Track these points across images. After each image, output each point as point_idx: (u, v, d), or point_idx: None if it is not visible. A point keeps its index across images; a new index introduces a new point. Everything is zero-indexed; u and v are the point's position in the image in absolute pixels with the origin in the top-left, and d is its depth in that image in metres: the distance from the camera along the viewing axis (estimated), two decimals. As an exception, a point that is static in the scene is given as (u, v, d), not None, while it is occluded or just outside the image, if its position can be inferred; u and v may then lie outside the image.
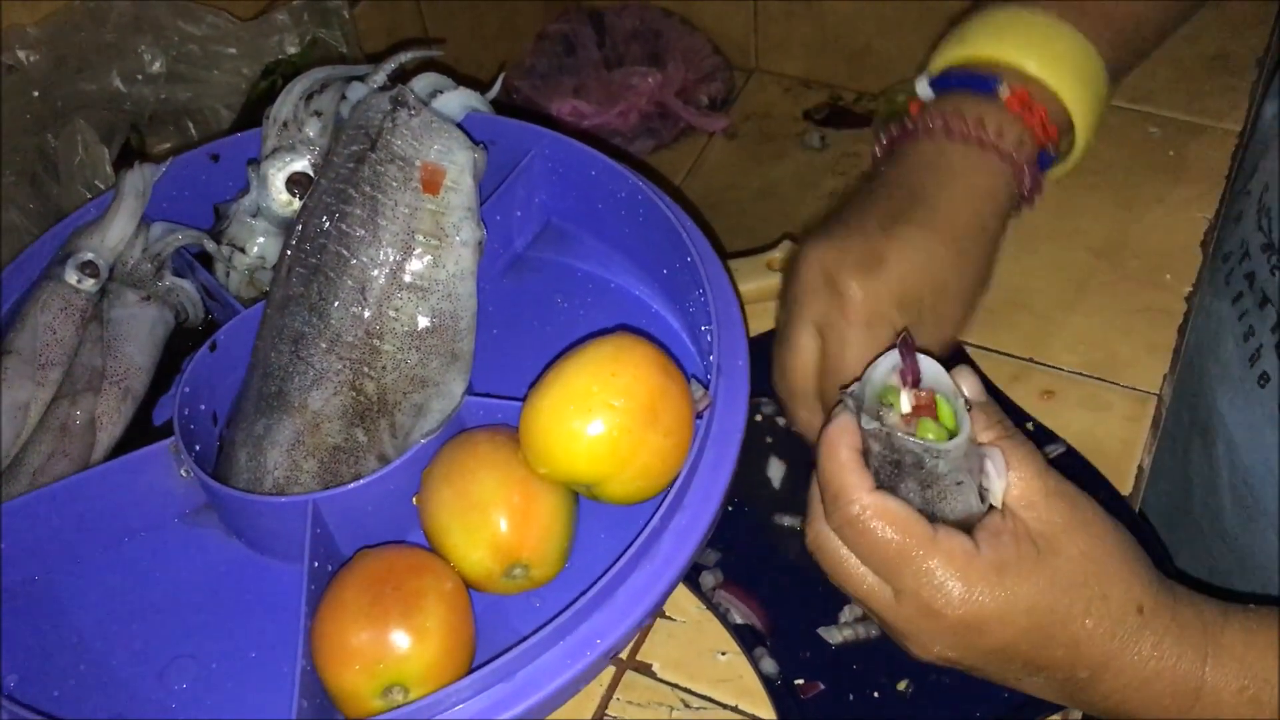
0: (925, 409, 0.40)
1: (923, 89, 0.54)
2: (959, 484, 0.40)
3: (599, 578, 0.42)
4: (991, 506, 0.40)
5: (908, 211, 0.49)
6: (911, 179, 0.51)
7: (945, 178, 0.50)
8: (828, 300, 0.47)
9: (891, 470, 0.40)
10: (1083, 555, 0.40)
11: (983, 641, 0.40)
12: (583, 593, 0.41)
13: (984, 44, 0.53)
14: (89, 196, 0.61)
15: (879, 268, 0.47)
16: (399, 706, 0.40)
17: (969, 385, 0.42)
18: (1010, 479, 0.40)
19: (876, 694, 0.46)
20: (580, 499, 0.47)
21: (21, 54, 0.62)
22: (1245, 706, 0.39)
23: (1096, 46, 0.53)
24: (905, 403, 0.40)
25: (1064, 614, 0.39)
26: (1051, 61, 0.52)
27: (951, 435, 0.39)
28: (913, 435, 0.39)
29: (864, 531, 0.39)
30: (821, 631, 0.48)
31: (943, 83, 0.54)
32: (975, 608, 0.39)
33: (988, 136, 0.50)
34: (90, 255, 0.53)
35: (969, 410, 0.40)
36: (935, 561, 0.39)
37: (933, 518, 0.40)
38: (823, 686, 0.46)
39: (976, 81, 0.52)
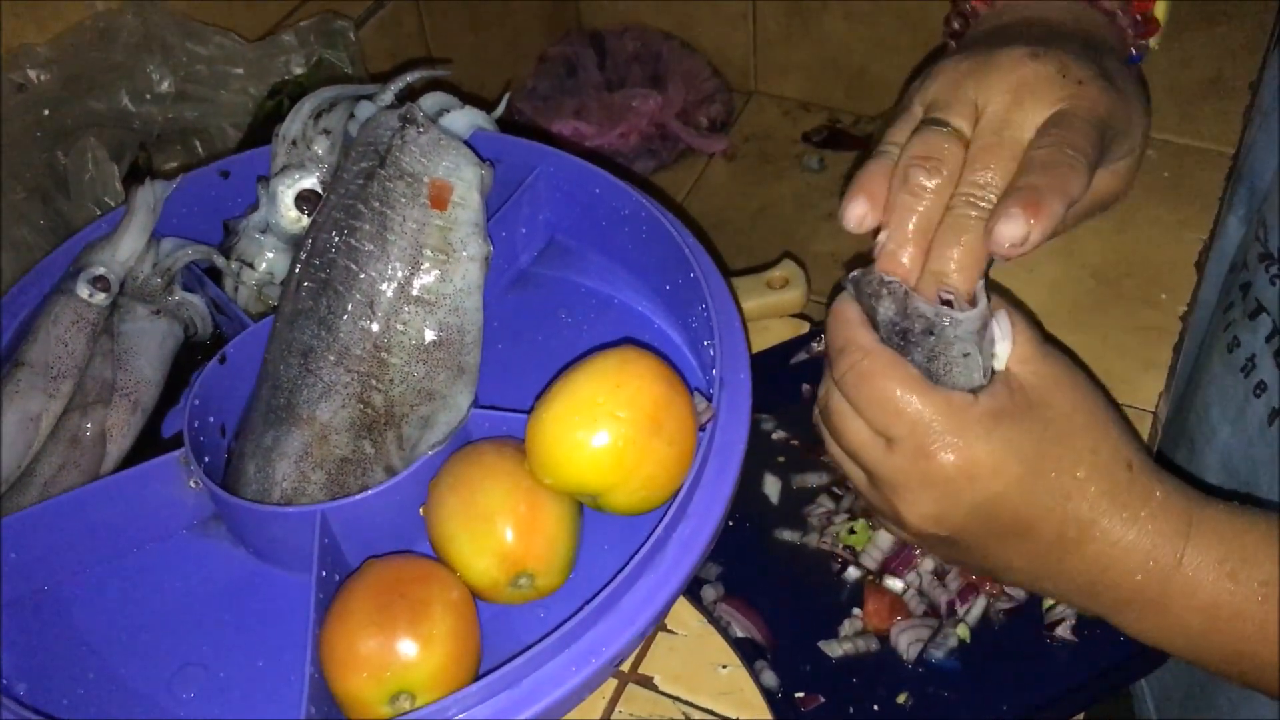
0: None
1: None
2: (965, 356, 0.40)
3: (603, 587, 0.42)
4: (994, 373, 0.41)
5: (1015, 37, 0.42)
6: (1033, 22, 0.45)
7: (1070, 25, 0.45)
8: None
9: (899, 340, 0.41)
10: (1075, 409, 0.40)
11: (975, 491, 0.39)
12: (587, 602, 0.42)
13: None
14: (98, 213, 0.61)
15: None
16: (406, 713, 0.40)
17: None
18: (1014, 333, 0.40)
19: (876, 707, 0.46)
20: (585, 510, 0.48)
21: (32, 73, 0.63)
22: (1224, 580, 0.39)
23: None
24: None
25: (1055, 462, 0.39)
26: None
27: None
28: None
29: (863, 376, 0.39)
30: (822, 645, 0.48)
31: None
32: (968, 453, 0.38)
33: (1108, 2, 0.46)
34: (101, 270, 0.54)
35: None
36: (931, 409, 0.39)
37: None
38: (823, 699, 0.47)
39: None
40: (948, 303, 0.40)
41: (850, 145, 0.95)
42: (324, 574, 0.45)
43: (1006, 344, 0.40)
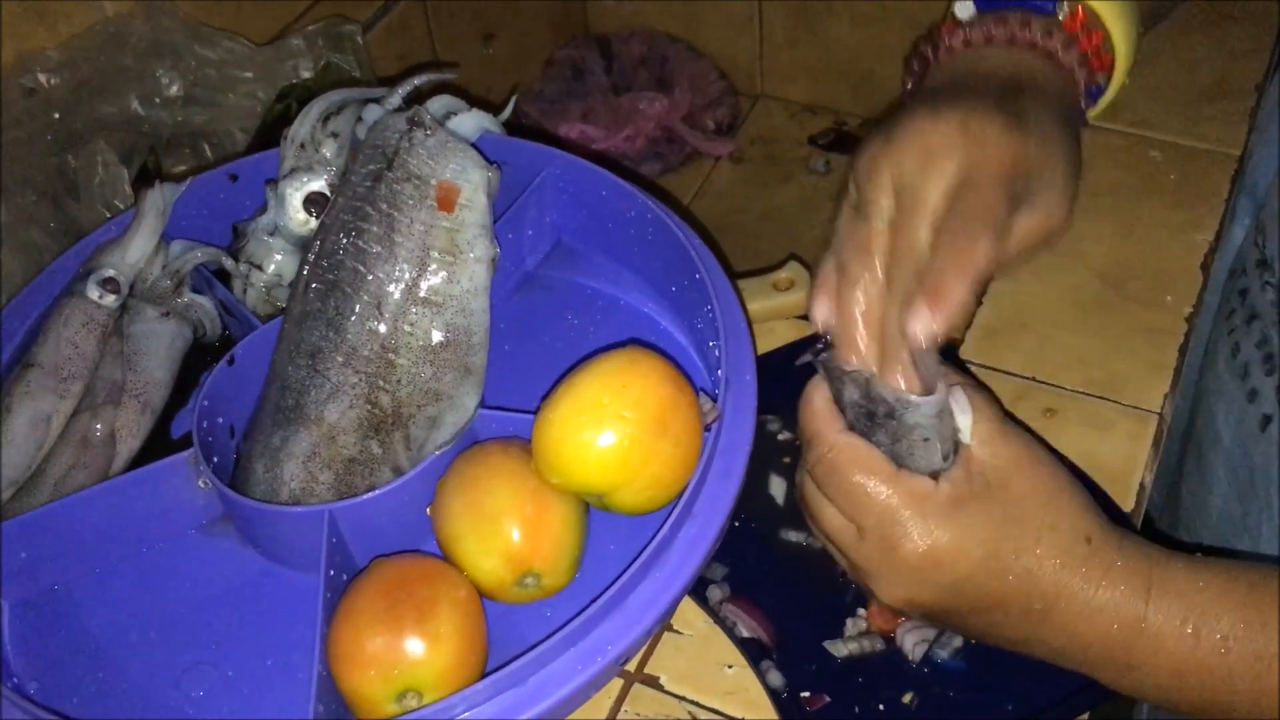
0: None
1: (963, 8, 0.49)
2: (925, 440, 0.42)
3: (609, 586, 0.42)
4: (957, 448, 0.42)
5: (963, 98, 0.43)
6: (960, 81, 0.46)
7: (999, 73, 0.46)
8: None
9: (866, 421, 0.43)
10: (1034, 489, 0.42)
11: (941, 575, 0.41)
12: (593, 601, 0.42)
13: None
14: (108, 216, 0.62)
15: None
16: (413, 711, 0.41)
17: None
18: (976, 414, 0.42)
19: (882, 706, 0.47)
20: (592, 511, 0.48)
21: (43, 77, 0.63)
22: (1186, 639, 0.40)
23: None
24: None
25: (1015, 544, 0.41)
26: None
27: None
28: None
29: (832, 469, 0.42)
30: (827, 645, 0.49)
31: (985, 3, 0.49)
32: (931, 540, 0.41)
33: (1048, 43, 0.46)
34: (111, 272, 0.54)
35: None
36: (896, 499, 0.41)
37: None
38: (828, 699, 0.47)
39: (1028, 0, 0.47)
40: None
41: (856, 148, 0.95)
42: (332, 573, 0.45)
43: (967, 418, 0.42)
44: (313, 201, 0.56)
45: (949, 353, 0.56)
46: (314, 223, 0.56)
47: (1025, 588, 0.41)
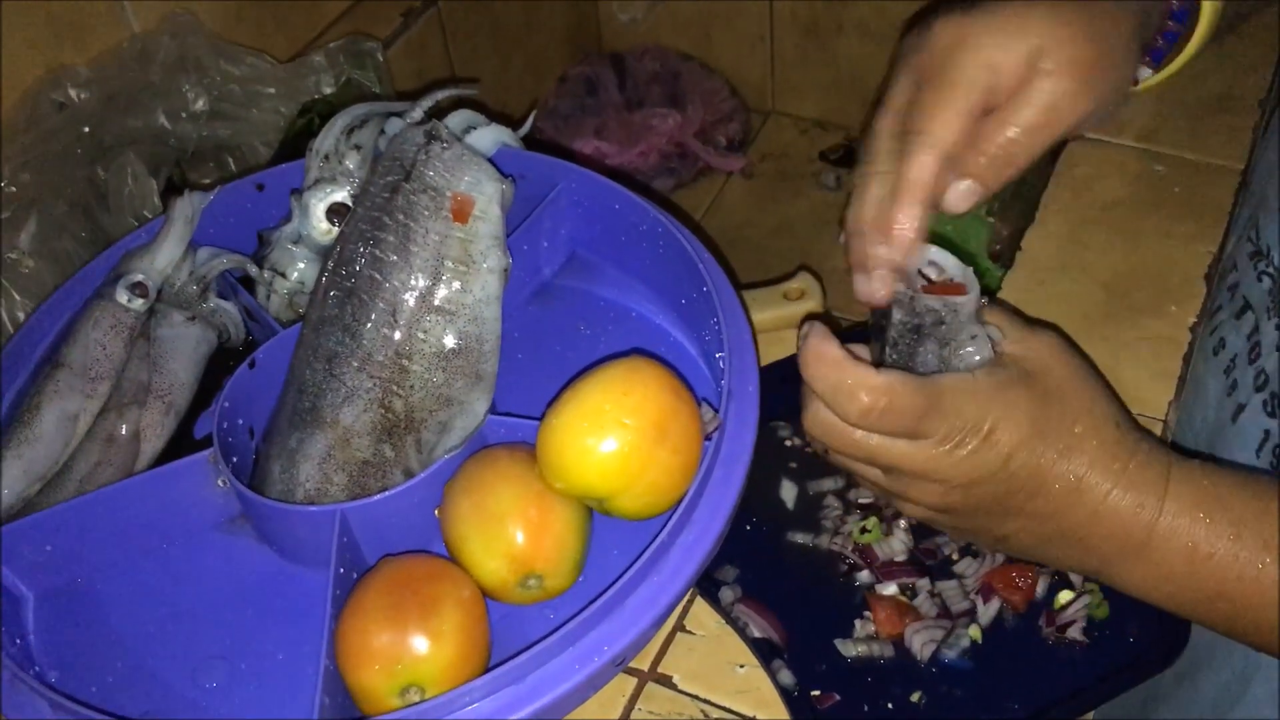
0: (941, 284, 0.46)
1: None
2: (974, 337, 0.45)
3: (608, 587, 0.43)
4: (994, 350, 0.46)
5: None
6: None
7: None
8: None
9: (912, 337, 0.45)
10: (1069, 376, 0.45)
11: (994, 454, 0.43)
12: (591, 601, 0.43)
13: None
14: (137, 226, 0.63)
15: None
16: (414, 705, 0.42)
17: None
18: (1001, 322, 0.46)
19: (890, 705, 0.47)
20: (596, 516, 0.49)
21: (73, 92, 0.65)
22: (1199, 522, 0.43)
23: None
24: (931, 271, 0.46)
25: (1058, 422, 0.44)
26: None
27: None
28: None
29: (886, 412, 0.43)
30: (837, 644, 0.49)
31: None
32: (987, 418, 0.43)
33: None
34: (140, 276, 0.56)
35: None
36: (947, 401, 0.43)
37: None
38: (838, 697, 0.48)
39: None
40: (929, 283, 0.45)
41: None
42: (342, 571, 0.46)
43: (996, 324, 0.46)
44: (335, 212, 0.58)
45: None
46: (336, 232, 0.57)
47: (1065, 465, 0.43)
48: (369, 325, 0.51)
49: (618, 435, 0.45)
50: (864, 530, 0.53)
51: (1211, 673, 0.56)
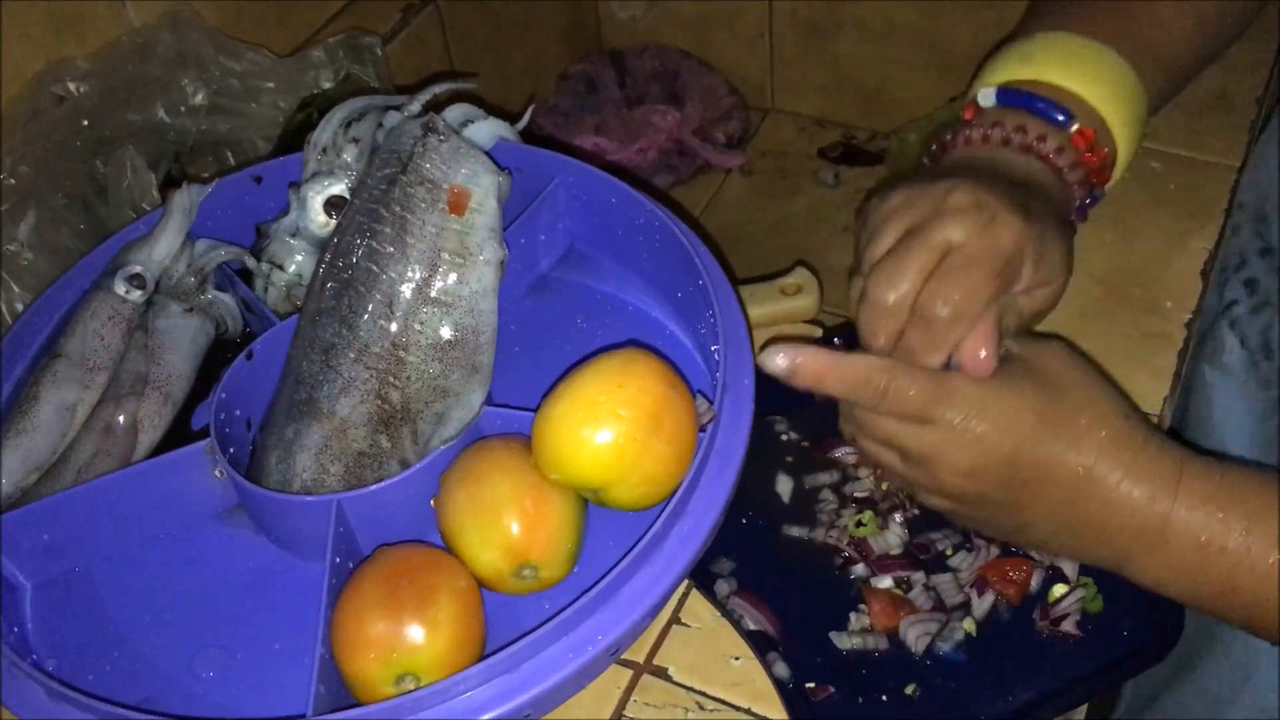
0: None
1: (985, 97, 0.54)
2: None
3: (602, 577, 0.43)
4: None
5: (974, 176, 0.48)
6: (977, 167, 0.51)
7: (1011, 171, 0.51)
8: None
9: None
10: (1074, 374, 0.46)
11: (1001, 442, 0.45)
12: (585, 591, 0.43)
13: (1052, 70, 0.53)
14: (136, 219, 0.63)
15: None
16: (409, 693, 0.42)
17: None
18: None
19: (885, 697, 0.48)
20: (592, 507, 0.49)
21: (72, 85, 0.65)
22: (1212, 515, 0.44)
23: (1143, 86, 0.55)
24: None
25: (1064, 411, 0.45)
26: (1117, 105, 0.54)
27: None
28: None
29: (896, 395, 0.45)
30: (832, 636, 0.50)
31: (1005, 97, 0.54)
32: (995, 406, 0.45)
33: (1058, 160, 0.52)
34: (138, 268, 0.56)
35: None
36: (957, 389, 0.45)
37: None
38: (833, 690, 0.48)
39: (1045, 107, 0.52)
40: None
41: (865, 161, 0.96)
42: (338, 561, 0.47)
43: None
44: (333, 204, 0.58)
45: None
46: (334, 224, 0.58)
47: (1074, 456, 0.44)
48: (366, 317, 0.51)
49: (613, 426, 0.45)
50: (859, 524, 0.53)
51: (1213, 661, 0.57)
